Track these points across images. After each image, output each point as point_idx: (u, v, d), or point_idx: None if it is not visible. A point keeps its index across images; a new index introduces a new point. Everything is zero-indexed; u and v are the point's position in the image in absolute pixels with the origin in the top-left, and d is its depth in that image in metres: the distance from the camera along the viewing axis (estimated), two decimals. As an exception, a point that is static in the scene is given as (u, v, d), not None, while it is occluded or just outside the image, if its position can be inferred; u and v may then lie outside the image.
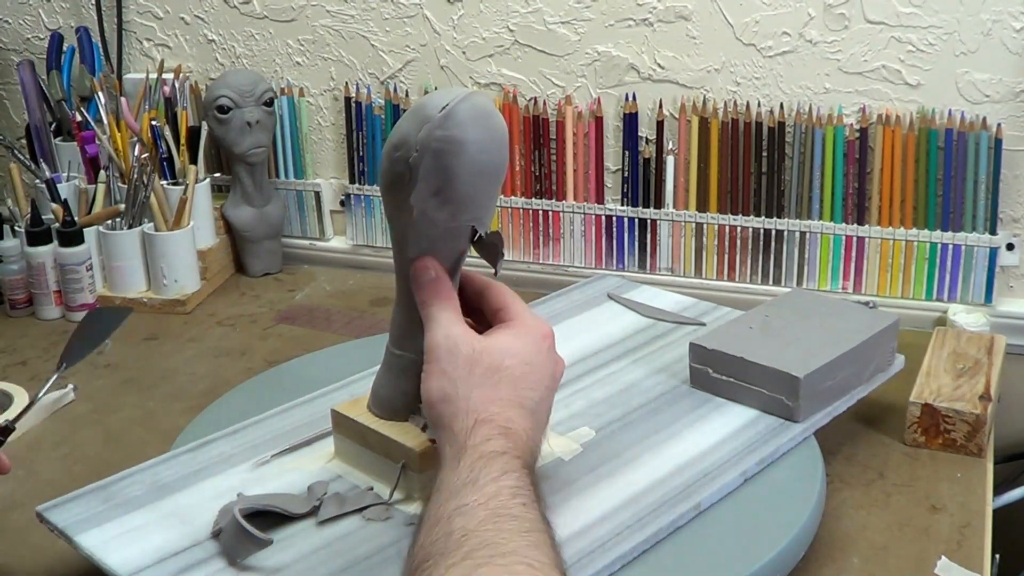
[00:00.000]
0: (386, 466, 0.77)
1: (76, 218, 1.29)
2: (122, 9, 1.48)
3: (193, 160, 1.37)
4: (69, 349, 0.96)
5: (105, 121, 1.35)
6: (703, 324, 1.05)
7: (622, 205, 1.30)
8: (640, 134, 1.28)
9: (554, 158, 1.32)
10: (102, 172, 1.35)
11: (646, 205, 1.29)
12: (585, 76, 1.29)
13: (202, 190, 1.37)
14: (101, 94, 1.38)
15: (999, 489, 1.04)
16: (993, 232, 1.17)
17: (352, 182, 1.43)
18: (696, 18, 1.22)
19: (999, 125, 1.14)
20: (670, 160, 1.27)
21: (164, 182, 1.34)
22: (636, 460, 0.80)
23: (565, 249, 1.34)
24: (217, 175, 1.46)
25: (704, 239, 1.28)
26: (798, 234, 1.24)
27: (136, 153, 1.31)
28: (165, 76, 1.41)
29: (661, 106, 1.26)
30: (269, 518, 0.74)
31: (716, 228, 1.27)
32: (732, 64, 1.23)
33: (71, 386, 1.08)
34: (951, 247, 1.18)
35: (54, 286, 1.28)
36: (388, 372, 0.78)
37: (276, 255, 1.45)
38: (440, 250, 0.72)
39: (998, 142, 1.14)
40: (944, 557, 0.79)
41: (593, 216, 1.32)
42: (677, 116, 1.26)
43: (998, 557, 0.88)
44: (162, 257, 1.30)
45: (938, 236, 1.19)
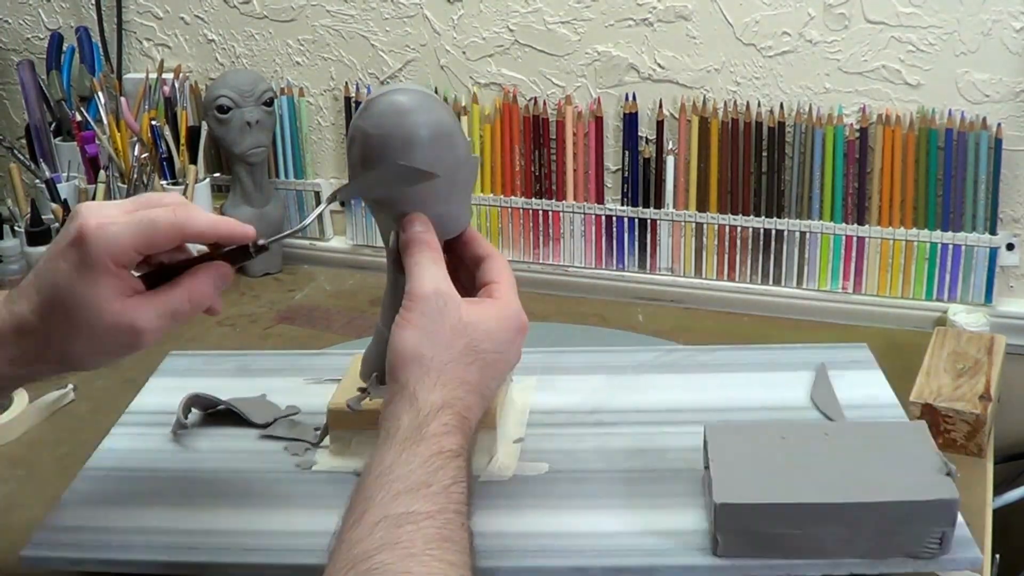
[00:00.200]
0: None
1: (76, 218, 1.29)
2: (122, 9, 1.48)
3: (193, 160, 1.37)
4: (348, 187, 0.79)
5: (105, 121, 1.35)
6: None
7: (622, 205, 1.30)
8: (640, 134, 1.28)
9: (554, 158, 1.32)
10: (102, 172, 1.35)
11: (646, 205, 1.29)
12: (585, 76, 1.29)
13: (202, 190, 1.37)
14: (101, 94, 1.38)
15: (999, 489, 1.04)
16: (993, 232, 1.17)
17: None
18: (696, 18, 1.22)
19: (999, 125, 1.14)
20: (670, 160, 1.27)
21: (164, 182, 1.34)
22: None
23: (565, 249, 1.34)
24: (217, 175, 1.46)
25: (704, 239, 1.28)
26: (798, 234, 1.24)
27: (136, 153, 1.31)
28: (165, 76, 1.41)
29: (661, 106, 1.26)
30: (232, 417, 0.93)
31: (716, 228, 1.27)
32: (732, 64, 1.23)
33: (71, 386, 1.08)
34: (951, 247, 1.18)
35: (54, 286, 1.28)
36: (378, 347, 0.80)
37: (276, 255, 1.45)
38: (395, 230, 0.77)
39: (998, 142, 1.14)
40: (944, 557, 0.78)
41: (593, 216, 1.32)
42: (677, 116, 1.26)
43: (998, 557, 0.88)
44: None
45: (938, 236, 1.19)
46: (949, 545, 0.69)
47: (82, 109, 1.41)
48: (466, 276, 0.77)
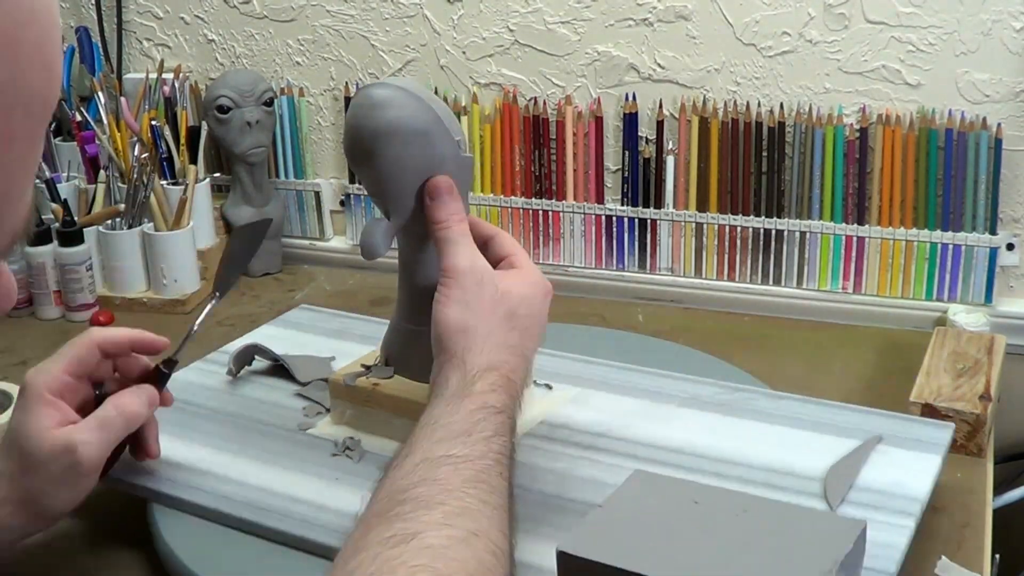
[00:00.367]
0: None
1: (76, 218, 1.29)
2: (122, 9, 1.48)
3: (193, 160, 1.37)
4: (220, 277, 0.91)
5: (105, 121, 1.35)
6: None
7: (622, 205, 1.30)
8: (640, 134, 1.28)
9: (554, 158, 1.32)
10: (102, 172, 1.35)
11: (646, 205, 1.29)
12: (585, 76, 1.29)
13: (202, 190, 1.37)
14: (101, 94, 1.38)
15: (999, 489, 1.04)
16: (993, 232, 1.17)
17: (352, 182, 1.43)
18: (696, 18, 1.22)
19: (999, 125, 1.14)
20: (670, 160, 1.27)
21: (164, 182, 1.34)
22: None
23: (565, 249, 1.34)
24: (217, 175, 1.46)
25: (704, 239, 1.28)
26: (798, 234, 1.24)
27: (136, 153, 1.31)
28: (165, 76, 1.41)
29: (661, 106, 1.26)
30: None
31: (716, 228, 1.27)
32: (732, 64, 1.23)
33: (71, 386, 1.08)
34: (951, 247, 1.18)
35: (54, 286, 1.28)
36: (410, 346, 0.82)
37: (276, 255, 1.45)
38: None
39: (998, 142, 1.14)
40: (944, 557, 0.78)
41: (593, 216, 1.32)
42: (677, 116, 1.26)
43: (998, 557, 0.88)
44: (162, 257, 1.30)
45: (938, 236, 1.19)
46: None
47: (82, 109, 1.40)
48: None
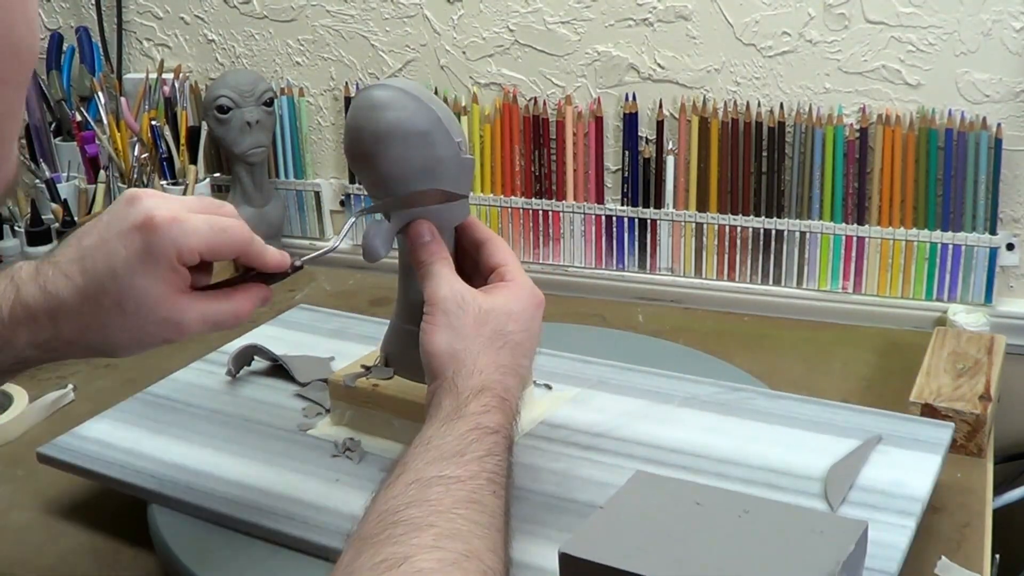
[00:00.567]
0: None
1: (76, 218, 1.29)
2: (122, 9, 1.48)
3: (193, 160, 1.37)
4: (384, 203, 0.78)
5: (105, 121, 1.35)
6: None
7: (622, 205, 1.30)
8: (640, 134, 1.28)
9: (554, 158, 1.32)
10: (102, 172, 1.35)
11: (646, 205, 1.29)
12: (585, 76, 1.29)
13: (202, 190, 1.37)
14: (101, 94, 1.38)
15: (999, 489, 1.04)
16: (993, 232, 1.17)
17: (352, 182, 1.43)
18: (696, 18, 1.22)
19: (999, 125, 1.14)
20: (670, 160, 1.27)
21: (164, 182, 1.34)
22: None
23: (565, 249, 1.34)
24: (217, 175, 1.46)
25: (704, 239, 1.28)
26: (798, 234, 1.24)
27: (136, 153, 1.32)
28: (165, 76, 1.41)
29: (661, 106, 1.26)
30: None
31: (716, 228, 1.27)
32: (732, 64, 1.23)
33: (71, 386, 1.08)
34: (951, 247, 1.18)
35: (54, 286, 1.28)
36: (410, 347, 0.80)
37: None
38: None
39: (998, 142, 1.14)
40: (944, 557, 0.78)
41: (593, 216, 1.32)
42: (677, 116, 1.26)
43: (998, 557, 0.88)
44: (162, 257, 1.30)
45: (938, 236, 1.19)
46: None
47: (82, 109, 1.41)
48: (468, 262, 0.79)
